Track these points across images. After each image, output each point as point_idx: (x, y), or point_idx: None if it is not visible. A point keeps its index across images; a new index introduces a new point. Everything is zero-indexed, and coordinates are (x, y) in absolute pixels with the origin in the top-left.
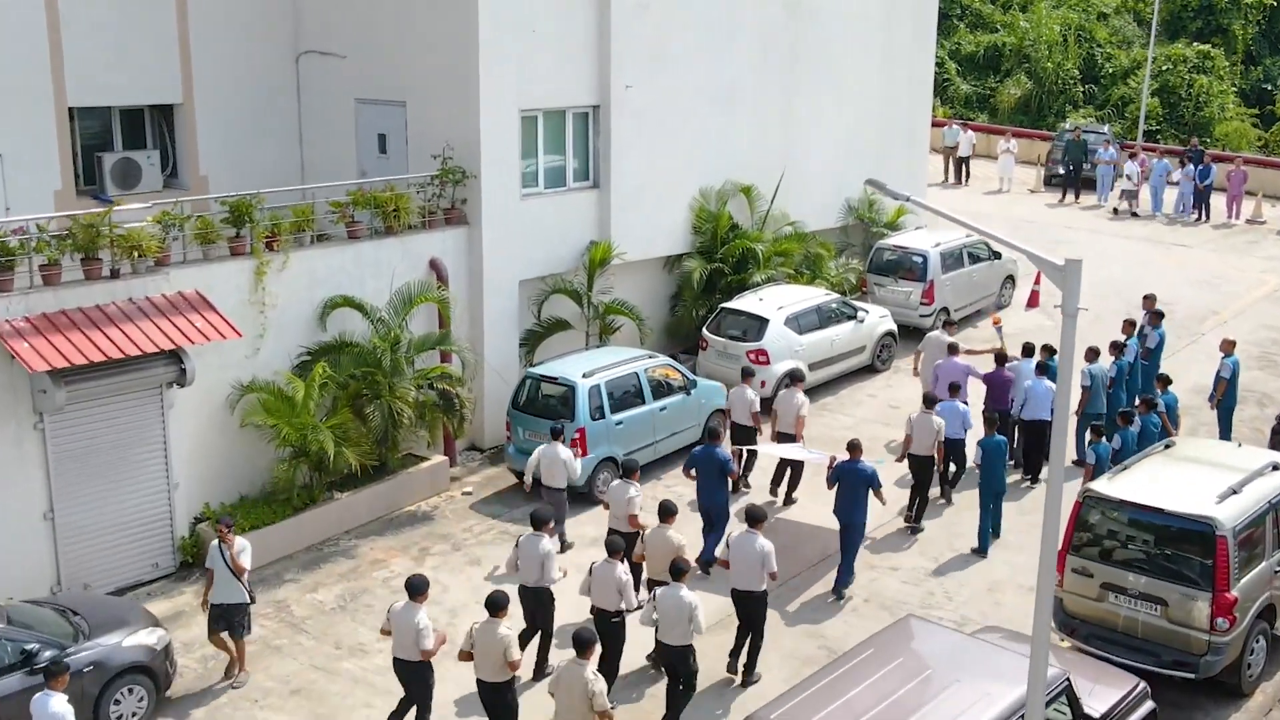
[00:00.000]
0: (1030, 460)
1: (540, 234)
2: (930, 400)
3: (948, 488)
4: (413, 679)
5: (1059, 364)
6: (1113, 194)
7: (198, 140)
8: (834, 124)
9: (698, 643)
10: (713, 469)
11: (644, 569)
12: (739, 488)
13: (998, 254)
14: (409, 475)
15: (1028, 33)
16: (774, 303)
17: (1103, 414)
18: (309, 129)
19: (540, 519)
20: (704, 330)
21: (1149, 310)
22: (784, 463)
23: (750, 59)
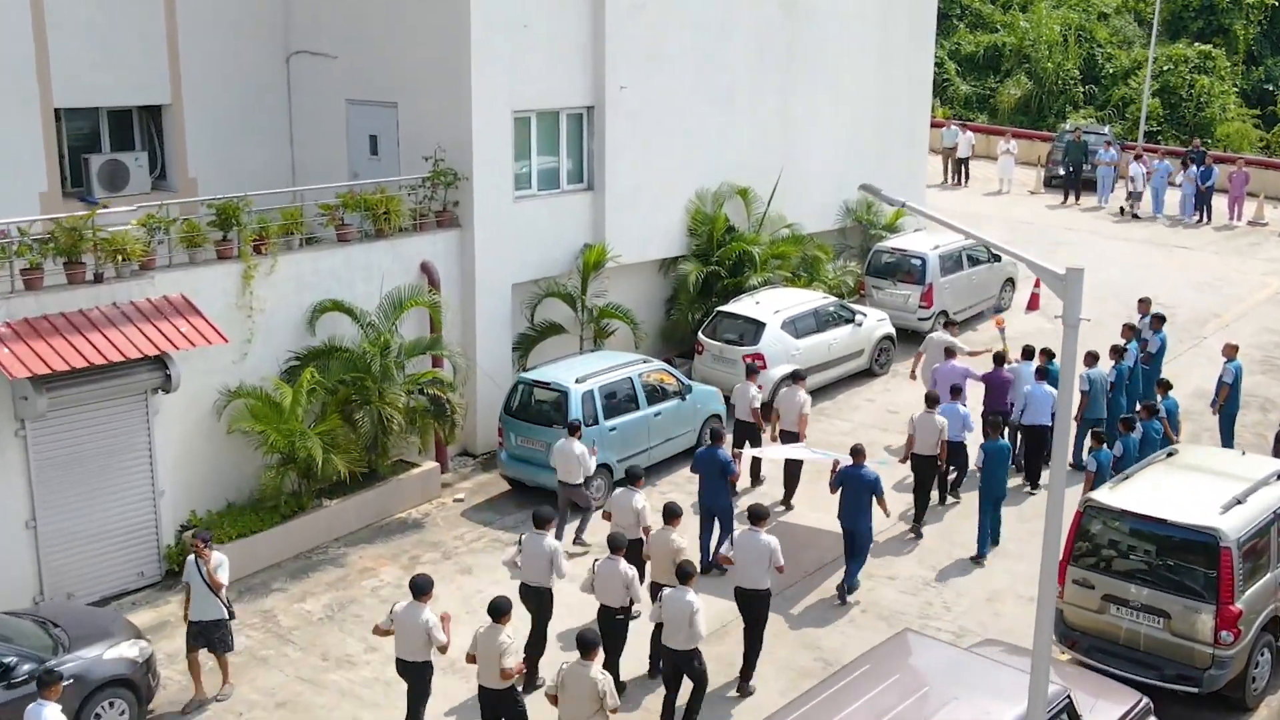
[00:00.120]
0: (1030, 466)
1: (533, 236)
2: (933, 400)
3: (948, 493)
4: (414, 679)
5: (1060, 374)
6: (1114, 195)
7: (186, 141)
8: (832, 125)
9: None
10: (714, 470)
11: (649, 571)
12: (753, 484)
13: (997, 256)
14: (399, 482)
15: (1028, 33)
16: (770, 306)
17: (1102, 419)
18: (300, 130)
19: (543, 517)
20: (700, 334)
21: (1145, 314)
22: (790, 467)
23: (747, 59)
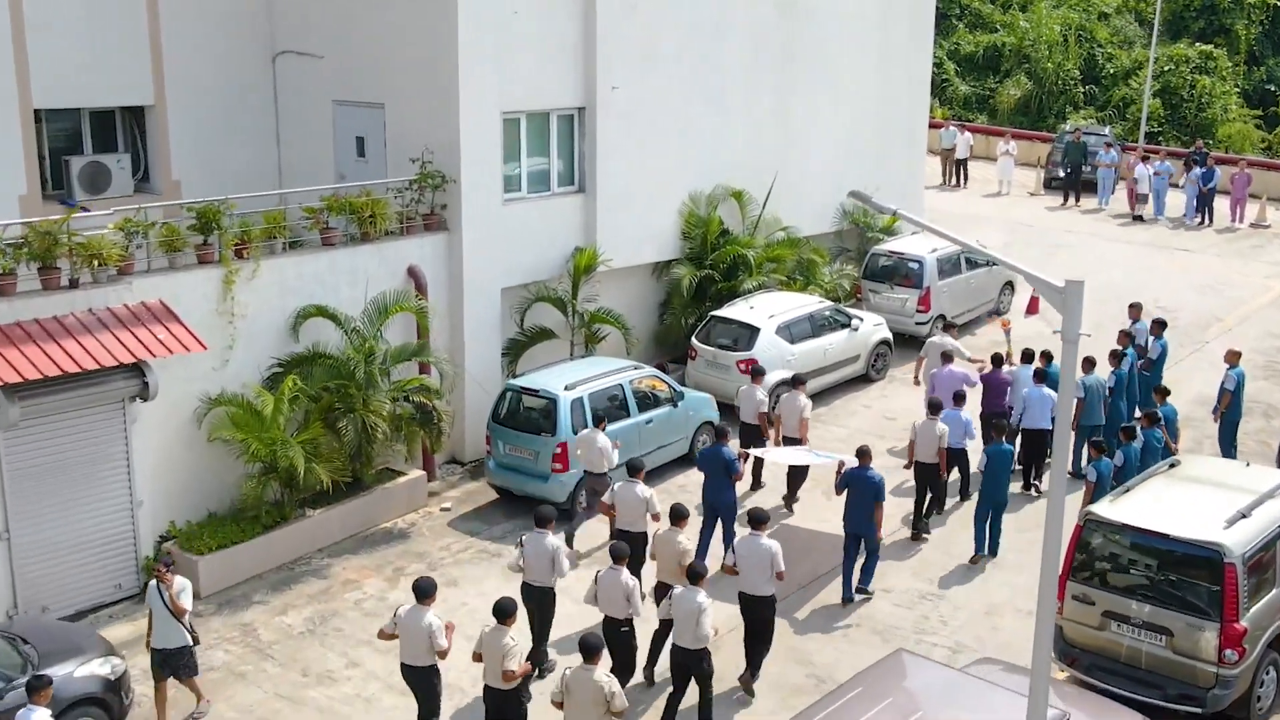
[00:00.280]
0: (1029, 469)
1: (523, 240)
2: (935, 406)
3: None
4: (421, 684)
5: (1060, 390)
6: (1114, 197)
7: (170, 143)
8: (829, 126)
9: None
10: (718, 468)
11: (653, 571)
12: (756, 485)
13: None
14: (385, 491)
15: (1028, 33)
16: (765, 311)
17: (1099, 425)
18: (286, 131)
19: (544, 517)
20: (693, 339)
21: (1136, 319)
22: (792, 471)
23: (742, 59)
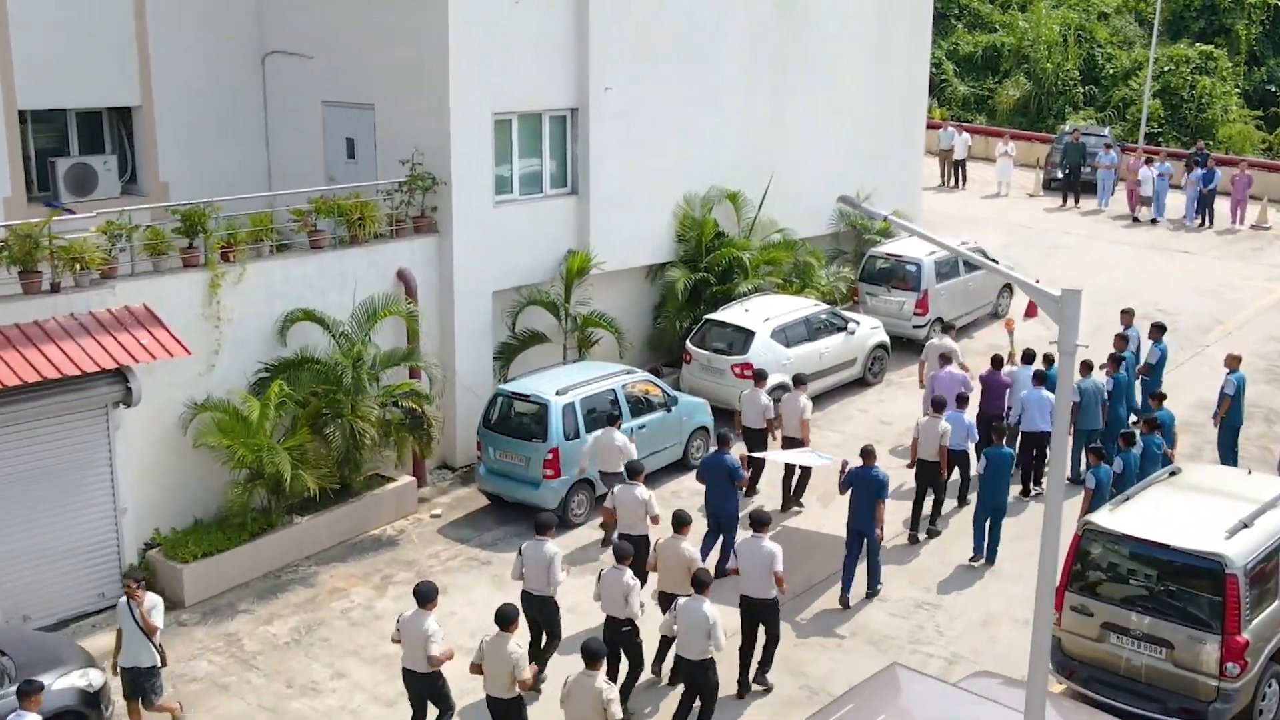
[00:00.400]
0: (1027, 472)
1: (515, 243)
2: (940, 405)
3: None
4: (426, 690)
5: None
6: (1114, 198)
7: (158, 144)
8: (825, 127)
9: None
10: (721, 475)
11: (655, 579)
12: (751, 493)
13: (995, 261)
14: (374, 497)
15: (1027, 33)
16: (760, 314)
17: (1098, 430)
18: (275, 133)
19: (543, 524)
20: (688, 343)
21: (1128, 325)
22: (790, 469)
23: (738, 59)
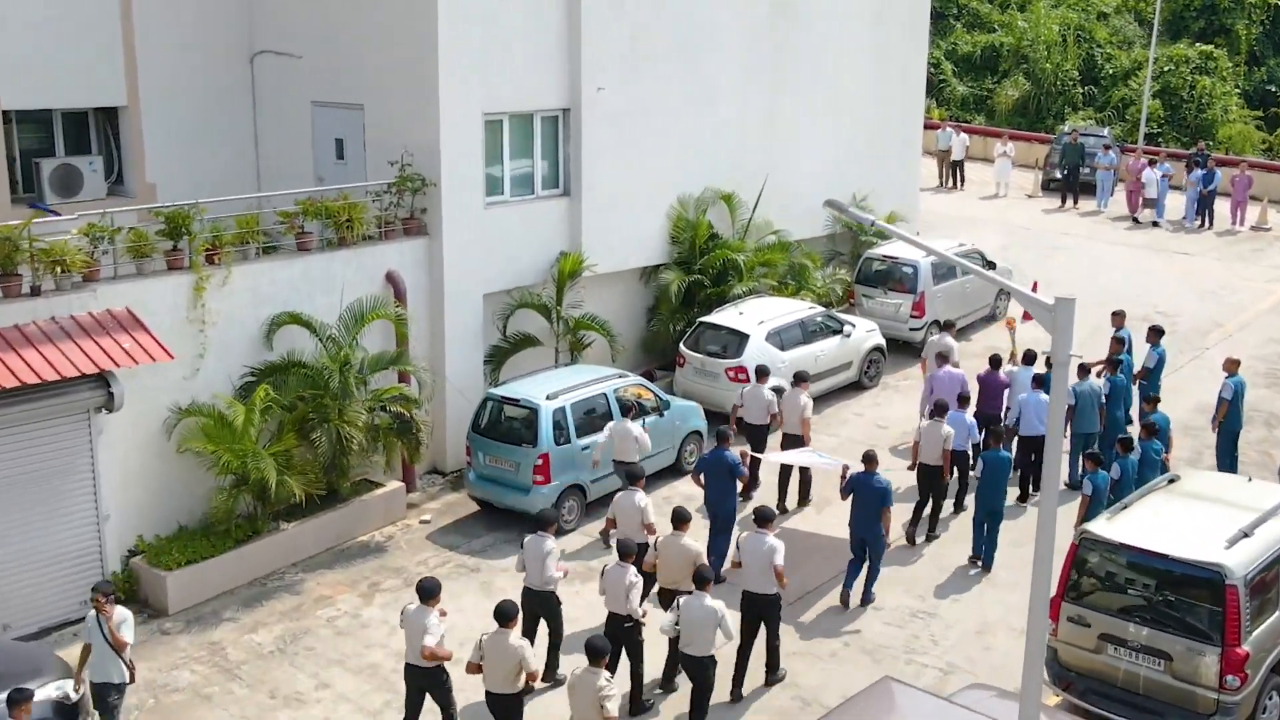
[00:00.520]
0: (1025, 477)
1: (506, 245)
2: (942, 408)
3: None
4: (427, 685)
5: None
6: (1113, 199)
7: (144, 145)
8: (821, 127)
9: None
10: (722, 472)
11: (656, 578)
12: (748, 494)
13: (991, 264)
14: (362, 503)
15: (1026, 33)
16: (755, 317)
17: (1095, 433)
18: (265, 133)
19: (546, 520)
20: (681, 346)
21: (1119, 327)
22: (786, 471)
23: (733, 59)
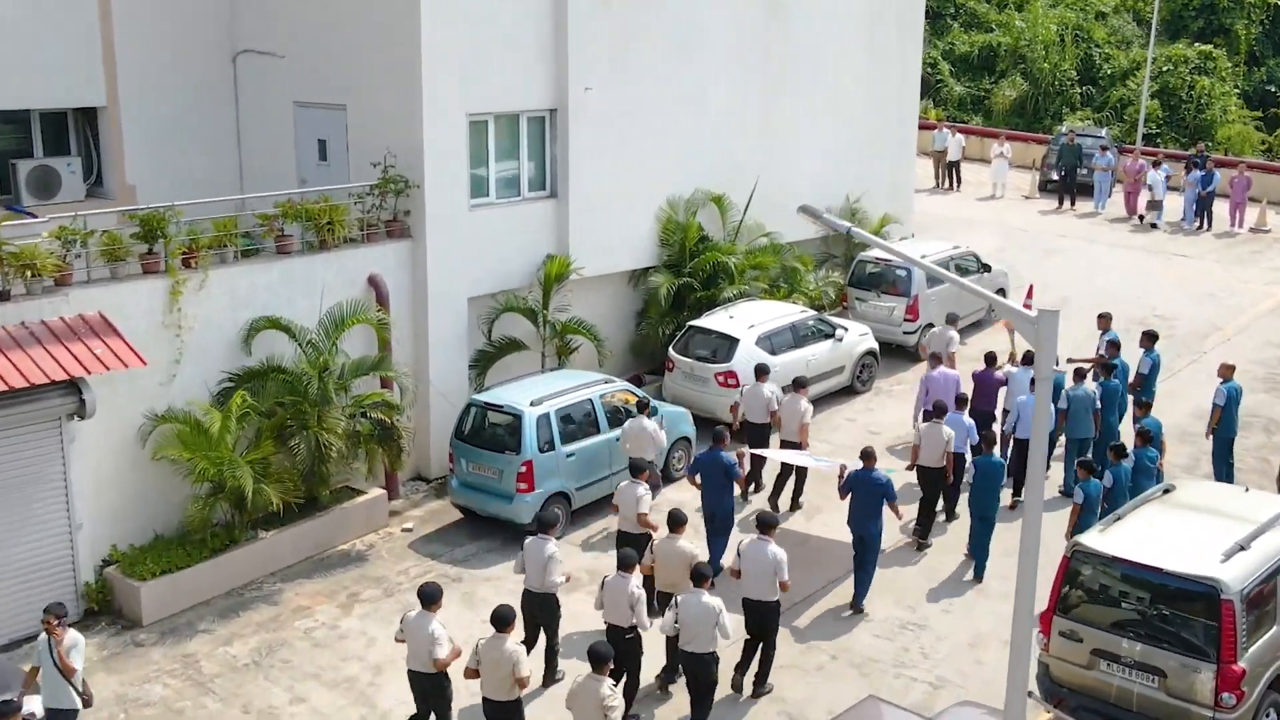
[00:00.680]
0: (1019, 482)
1: (491, 247)
2: (941, 409)
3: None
4: (430, 692)
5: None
6: (1110, 200)
7: (124, 146)
8: (814, 128)
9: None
10: (718, 473)
11: (655, 580)
12: (746, 494)
13: (987, 266)
14: (343, 511)
15: (1023, 32)
16: (745, 321)
17: (1089, 438)
18: (247, 134)
19: (546, 522)
20: (670, 350)
21: (1105, 330)
22: (785, 472)
23: (724, 59)
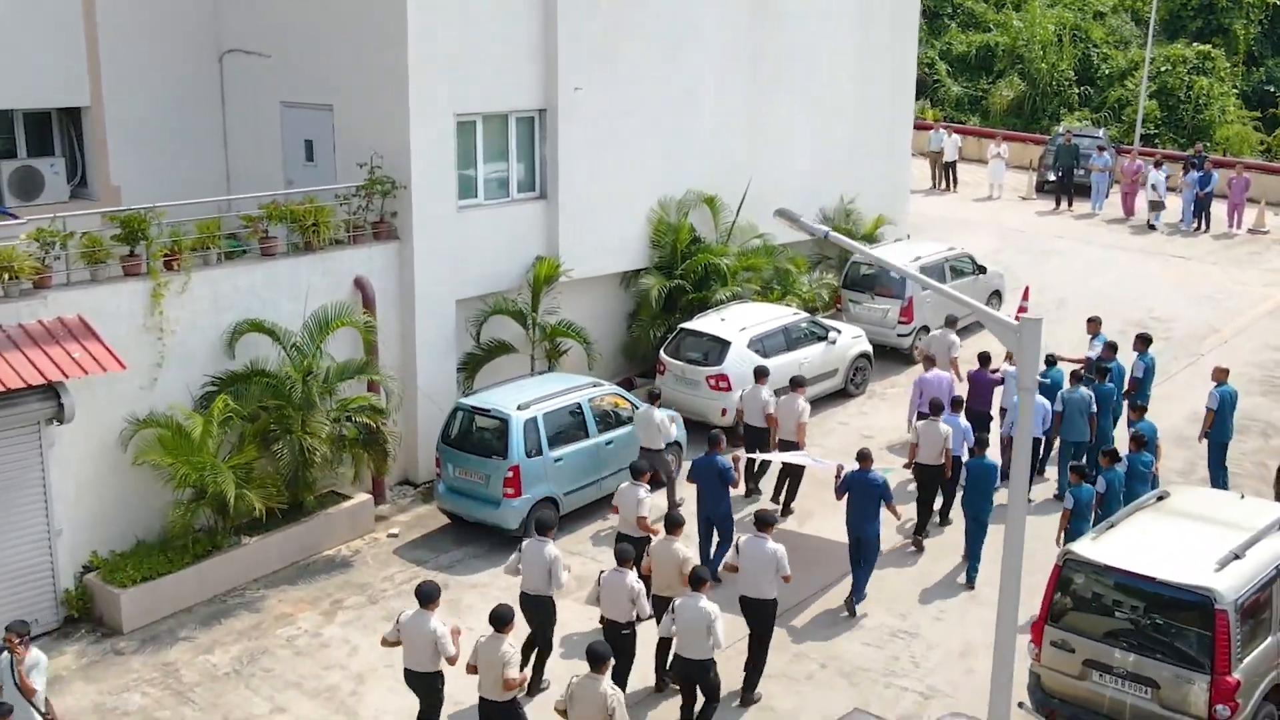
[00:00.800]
0: None
1: (480, 249)
2: (937, 407)
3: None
4: (427, 690)
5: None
6: (1107, 201)
7: (108, 146)
8: (808, 128)
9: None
10: (713, 477)
11: (651, 583)
12: (750, 493)
13: (982, 268)
14: (328, 516)
15: (1021, 32)
16: (736, 323)
17: (1084, 442)
18: (234, 134)
19: (544, 524)
20: (661, 353)
21: (1095, 334)
22: (783, 474)
23: (716, 59)
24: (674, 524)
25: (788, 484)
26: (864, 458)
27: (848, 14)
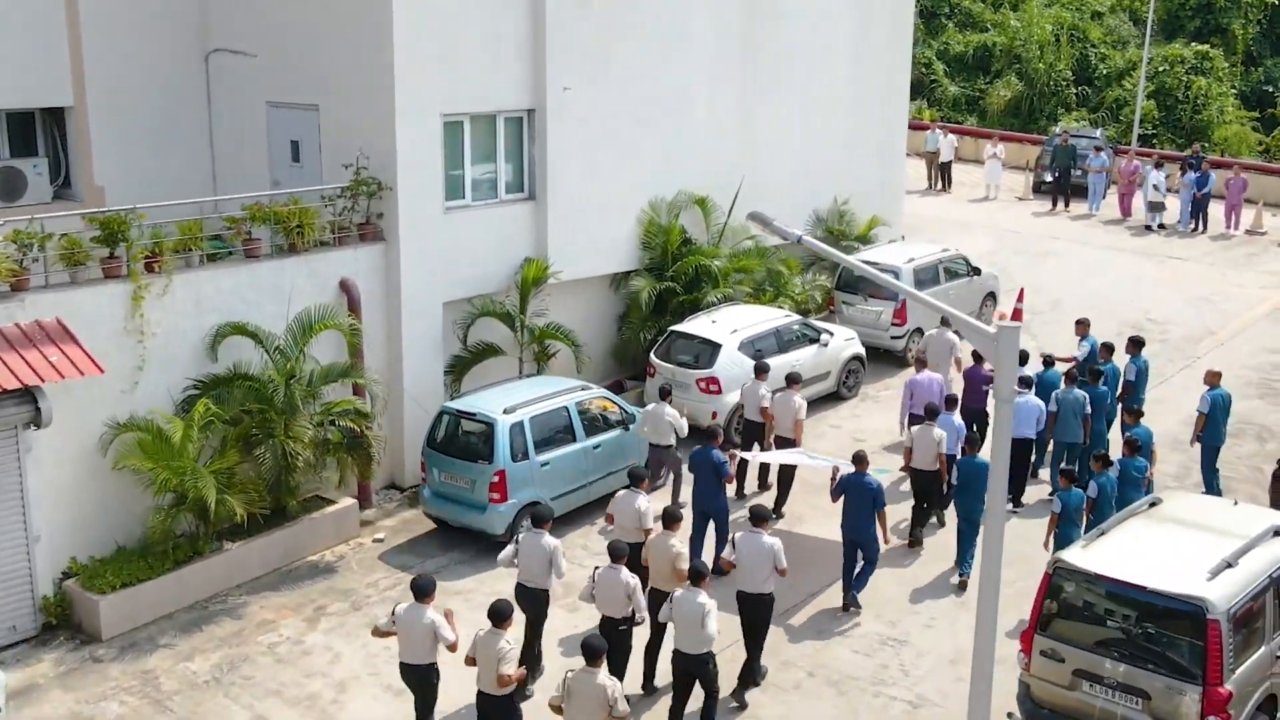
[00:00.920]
0: (1012, 481)
1: (467, 251)
2: (932, 411)
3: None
4: (422, 683)
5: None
6: (1104, 202)
7: (92, 147)
8: (801, 129)
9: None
10: (708, 471)
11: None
12: (740, 492)
13: (976, 269)
14: (312, 521)
15: (1019, 32)
16: (727, 325)
17: (1078, 444)
18: (219, 135)
19: (541, 516)
20: (651, 355)
21: (1084, 336)
22: (782, 471)
23: (707, 59)
24: (671, 519)
25: (777, 485)
26: (860, 460)
27: (842, 13)
